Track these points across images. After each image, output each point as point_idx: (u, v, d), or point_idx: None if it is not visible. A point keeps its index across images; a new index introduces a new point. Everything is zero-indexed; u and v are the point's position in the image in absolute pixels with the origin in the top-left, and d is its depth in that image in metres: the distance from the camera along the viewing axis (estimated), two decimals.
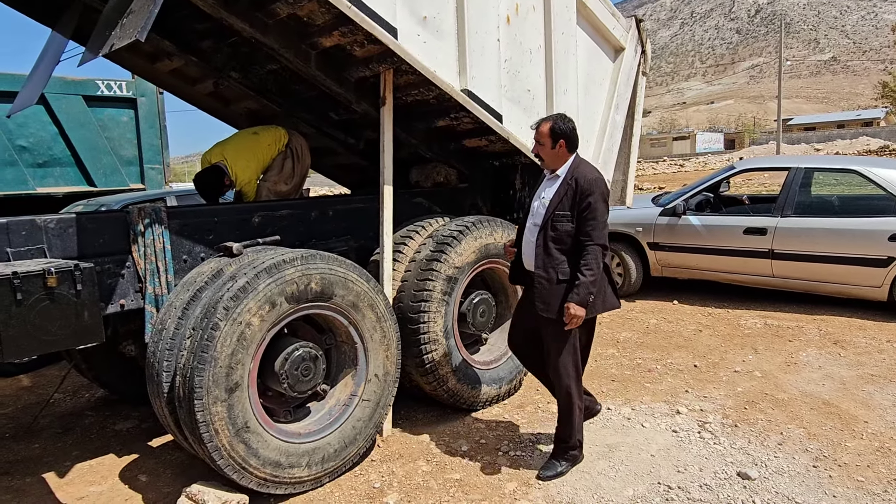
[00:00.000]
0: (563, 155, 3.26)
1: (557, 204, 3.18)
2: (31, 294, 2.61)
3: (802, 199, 6.06)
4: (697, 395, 4.20)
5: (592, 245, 3.10)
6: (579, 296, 3.07)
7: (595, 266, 3.09)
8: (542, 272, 3.20)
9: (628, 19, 5.32)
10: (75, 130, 7.70)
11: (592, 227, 3.11)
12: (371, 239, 4.46)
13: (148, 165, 8.36)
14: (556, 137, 3.24)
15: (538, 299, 3.20)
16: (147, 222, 3.40)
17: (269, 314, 3.07)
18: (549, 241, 3.19)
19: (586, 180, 3.16)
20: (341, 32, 3.73)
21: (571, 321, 3.09)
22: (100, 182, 7.96)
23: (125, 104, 8.14)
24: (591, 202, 3.11)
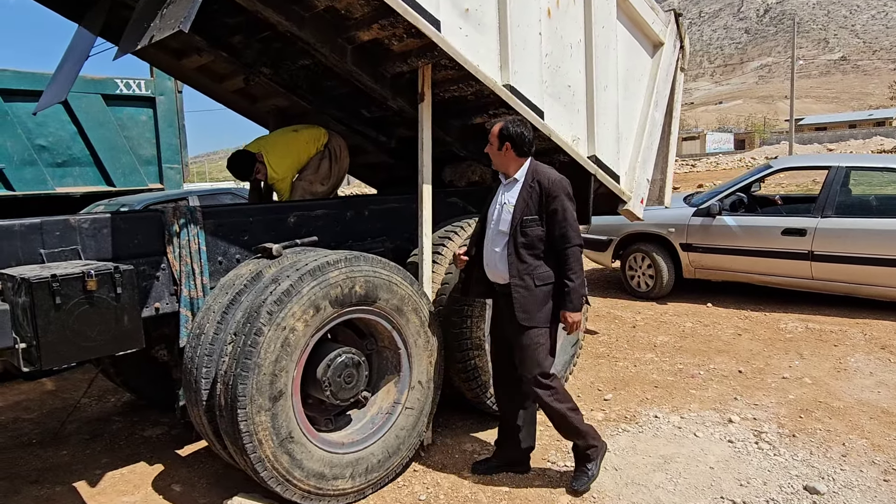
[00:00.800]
0: (511, 159, 3.16)
1: (524, 209, 3.07)
2: (70, 298, 2.48)
3: (843, 199, 5.88)
4: (748, 403, 4.04)
5: (571, 247, 3.01)
6: (573, 302, 3.00)
7: (578, 268, 3.02)
8: (517, 280, 3.07)
9: (667, 13, 5.16)
10: (94, 129, 7.60)
11: (565, 228, 3.01)
12: (406, 240, 4.33)
13: (167, 165, 8.26)
14: (503, 140, 3.14)
15: (518, 309, 3.06)
16: (182, 222, 3.27)
17: (314, 319, 2.93)
18: (520, 248, 3.07)
19: (550, 181, 3.06)
20: (381, 25, 3.59)
21: (572, 328, 3.04)
22: (119, 182, 7.86)
23: (144, 103, 8.05)
24: (560, 203, 3.02)
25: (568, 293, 3.00)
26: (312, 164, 4.41)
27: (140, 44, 2.82)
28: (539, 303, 3.06)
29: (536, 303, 3.05)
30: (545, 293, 3.07)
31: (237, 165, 4.29)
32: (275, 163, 4.21)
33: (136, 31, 2.94)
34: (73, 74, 3.89)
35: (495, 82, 3.79)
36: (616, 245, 7.04)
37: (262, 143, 4.34)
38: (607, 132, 4.60)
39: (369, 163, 5.69)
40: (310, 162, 4.40)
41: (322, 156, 4.45)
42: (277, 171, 4.22)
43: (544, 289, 3.06)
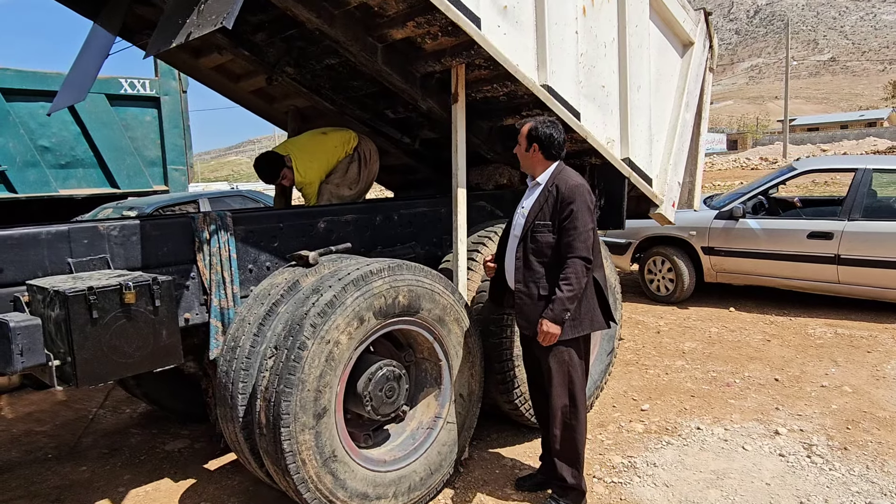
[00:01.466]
0: (538, 161, 3.01)
1: (537, 213, 2.92)
2: (108, 312, 2.32)
3: (871, 202, 5.79)
4: (790, 414, 3.92)
5: (573, 257, 2.82)
6: (553, 312, 2.80)
7: (574, 281, 2.80)
8: (522, 287, 2.93)
9: (697, 12, 5.04)
10: (98, 130, 7.42)
11: (573, 237, 2.82)
12: (435, 245, 4.19)
13: (171, 166, 8.09)
14: (532, 140, 3.00)
15: (519, 316, 2.95)
16: (213, 229, 3.12)
17: (357, 331, 2.78)
18: (529, 254, 2.92)
19: (567, 187, 2.89)
20: (416, 23, 3.44)
21: (543, 338, 2.84)
22: (123, 184, 7.69)
23: (148, 103, 7.88)
24: (573, 210, 2.84)
25: (553, 301, 2.80)
26: (341, 168, 4.26)
27: (175, 41, 2.66)
28: (541, 314, 2.88)
29: (538, 313, 2.88)
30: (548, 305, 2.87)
31: (265, 168, 4.14)
32: (303, 167, 4.06)
33: (169, 28, 2.78)
34: (91, 74, 3.73)
35: (534, 82, 3.66)
36: (635, 248, 6.92)
37: (290, 146, 4.19)
38: (640, 134, 4.48)
39: (389, 165, 5.53)
40: (338, 165, 4.25)
41: (351, 159, 4.30)
42: (305, 175, 4.08)
43: (548, 300, 2.87)
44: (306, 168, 4.07)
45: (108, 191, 7.52)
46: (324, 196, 4.22)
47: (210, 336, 3.11)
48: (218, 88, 4.90)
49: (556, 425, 2.98)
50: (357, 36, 3.61)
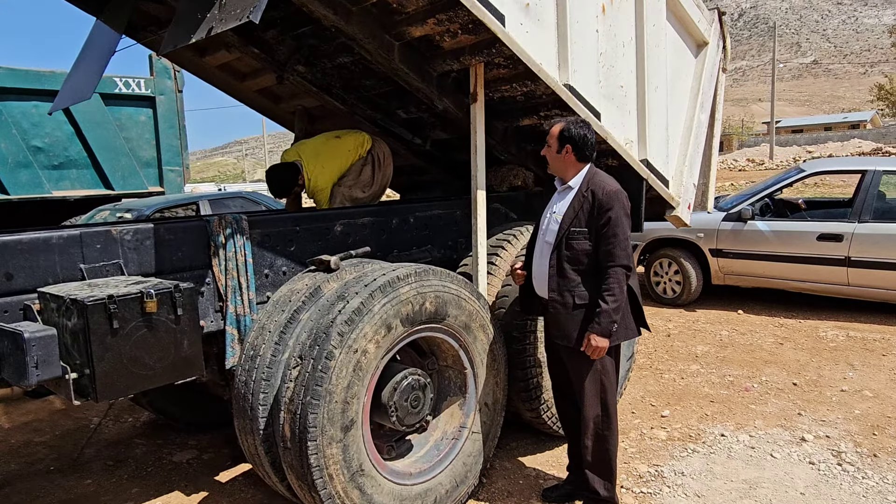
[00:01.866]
0: (570, 163, 2.91)
1: (572, 219, 2.82)
2: (128, 321, 2.20)
3: (881, 204, 5.76)
4: (814, 419, 3.86)
5: (614, 266, 2.73)
6: (601, 325, 2.71)
7: (618, 291, 2.72)
8: (556, 296, 2.83)
9: (711, 11, 4.98)
10: (92, 130, 7.25)
11: (613, 245, 2.73)
12: (450, 248, 4.09)
13: (167, 167, 7.92)
14: (564, 142, 2.89)
15: (552, 326, 2.86)
16: (228, 232, 2.99)
17: (385, 339, 2.67)
18: (563, 262, 2.82)
19: (605, 192, 2.79)
20: (437, 20, 3.34)
21: (592, 353, 2.74)
22: (117, 185, 7.52)
23: (143, 103, 7.71)
24: (612, 217, 2.74)
25: (599, 314, 2.72)
26: (354, 170, 4.14)
27: (195, 36, 2.54)
28: (576, 323, 2.80)
29: (574, 323, 2.80)
30: (584, 315, 2.80)
31: (279, 179, 4.00)
32: (315, 172, 3.94)
33: (187, 23, 2.65)
34: (97, 71, 3.59)
35: (556, 81, 3.56)
36: (641, 250, 6.86)
37: (301, 150, 4.06)
38: (658, 135, 4.40)
39: (396, 166, 5.40)
40: (351, 167, 4.13)
41: (364, 162, 4.19)
42: (316, 181, 3.96)
43: (583, 309, 2.80)
44: (319, 173, 3.96)
45: (102, 192, 7.34)
46: (336, 199, 4.10)
47: (226, 344, 2.99)
48: (223, 87, 4.77)
49: (588, 436, 2.88)
50: (374, 33, 3.50)
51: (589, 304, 2.79)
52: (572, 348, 2.82)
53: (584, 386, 2.86)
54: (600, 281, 2.78)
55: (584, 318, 2.79)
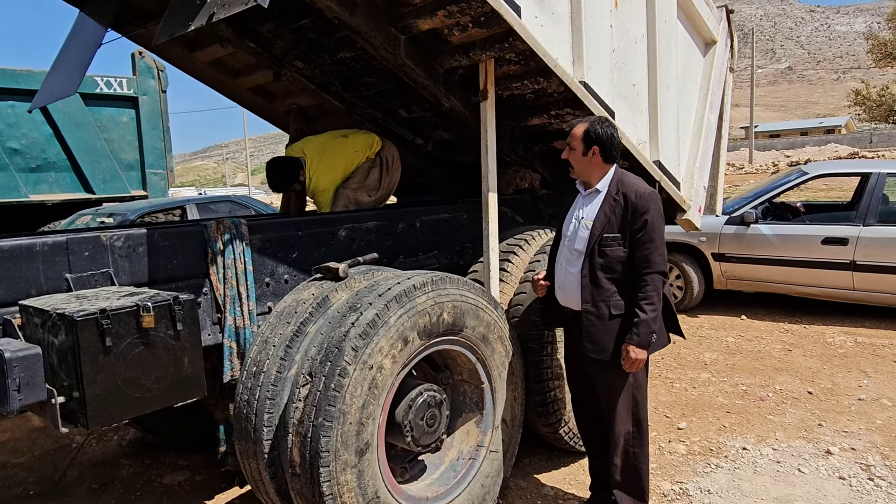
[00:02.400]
0: (597, 165, 2.73)
1: (604, 225, 2.65)
2: (123, 338, 1.97)
3: (886, 207, 5.68)
4: (836, 431, 3.72)
5: (651, 273, 2.56)
6: (640, 336, 2.55)
7: (656, 299, 2.56)
8: (590, 307, 2.66)
9: (719, 9, 4.85)
10: (72, 132, 6.95)
11: (650, 250, 2.57)
12: (457, 254, 3.90)
13: (150, 170, 7.65)
14: (591, 143, 2.70)
15: (587, 339, 2.66)
16: (227, 238, 2.77)
17: (401, 354, 2.47)
18: (597, 270, 2.65)
19: (639, 194, 2.62)
20: (448, 12, 3.15)
21: (631, 366, 2.58)
22: (98, 189, 7.22)
23: (126, 103, 7.43)
24: (648, 220, 2.58)
25: (637, 324, 2.55)
26: (360, 172, 3.93)
27: (194, 24, 2.32)
28: (611, 334, 2.64)
29: (609, 335, 2.64)
30: (620, 325, 2.64)
31: (280, 173, 3.78)
32: (318, 171, 3.73)
33: (185, 9, 2.43)
34: (81, 66, 3.34)
35: (572, 78, 3.39)
36: None
37: (307, 147, 3.85)
38: (669, 135, 4.25)
39: None
40: (357, 169, 3.92)
41: (372, 164, 3.97)
42: (320, 181, 3.74)
43: (619, 319, 2.64)
44: (322, 174, 3.74)
45: (83, 196, 7.04)
46: (340, 202, 3.88)
47: (224, 358, 2.76)
48: (213, 85, 4.53)
49: (618, 454, 2.70)
50: (379, 26, 3.30)
51: (625, 314, 2.62)
52: (608, 362, 2.64)
53: (616, 401, 2.68)
54: (636, 289, 2.61)
55: (619, 329, 2.62)
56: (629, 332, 2.59)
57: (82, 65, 3.37)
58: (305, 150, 3.82)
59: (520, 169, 4.43)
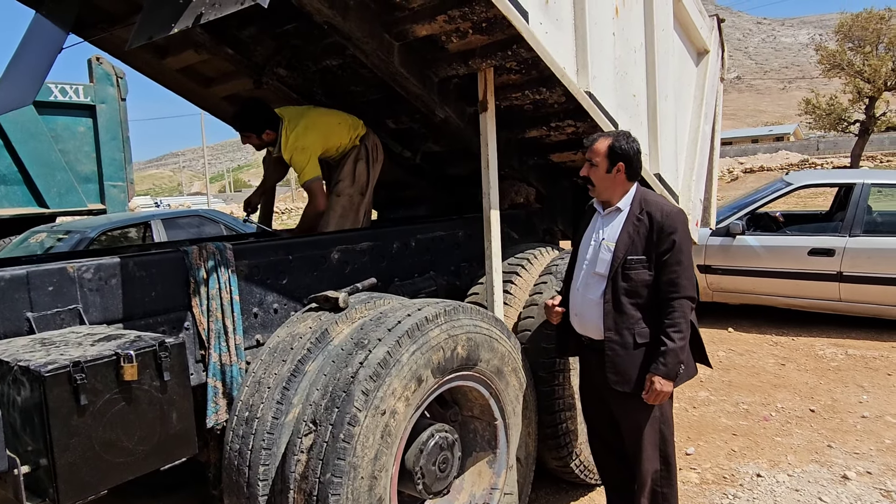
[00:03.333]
0: (621, 183, 2.55)
1: (628, 246, 2.46)
2: (100, 394, 1.67)
3: (871, 217, 5.67)
4: (847, 452, 3.60)
5: (679, 298, 2.38)
6: (667, 366, 2.36)
7: (685, 326, 2.38)
8: (613, 335, 2.47)
9: (711, 18, 4.75)
10: (24, 142, 6.48)
11: (678, 273, 2.39)
12: (452, 274, 3.66)
13: (109, 182, 7.20)
14: (615, 159, 2.52)
15: (610, 370, 2.47)
16: (211, 265, 2.48)
17: (415, 395, 2.21)
18: (620, 295, 2.46)
19: (664, 214, 2.44)
20: (448, 17, 2.92)
21: (655, 398, 2.39)
22: (52, 203, 6.75)
23: (82, 112, 6.97)
24: (676, 241, 2.40)
25: (664, 354, 2.36)
26: (347, 171, 3.66)
27: (178, 25, 2.04)
28: (636, 364, 2.45)
29: (634, 365, 2.45)
30: (646, 354, 2.45)
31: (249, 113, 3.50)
32: (297, 132, 3.44)
33: (166, 9, 2.14)
34: (39, 74, 3.00)
35: (578, 88, 3.20)
36: None
37: (284, 112, 3.54)
38: (668, 147, 4.11)
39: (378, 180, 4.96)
40: (344, 167, 3.66)
41: (357, 156, 3.70)
42: (300, 140, 3.43)
43: (645, 348, 2.45)
44: (299, 133, 3.44)
45: (35, 211, 6.56)
46: (336, 211, 3.63)
47: (208, 400, 2.46)
48: (184, 93, 4.21)
49: (645, 495, 2.50)
50: (373, 32, 3.06)
51: (650, 342, 2.42)
52: (632, 394, 2.44)
53: (641, 437, 2.48)
54: (662, 315, 2.42)
55: (644, 358, 2.42)
56: (655, 362, 2.40)
57: (40, 72, 3.03)
58: (283, 113, 3.51)
59: (514, 183, 4.22)
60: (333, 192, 3.67)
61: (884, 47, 26.26)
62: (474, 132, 3.67)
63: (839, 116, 29.56)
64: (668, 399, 2.50)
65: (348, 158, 3.68)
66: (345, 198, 3.66)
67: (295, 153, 3.48)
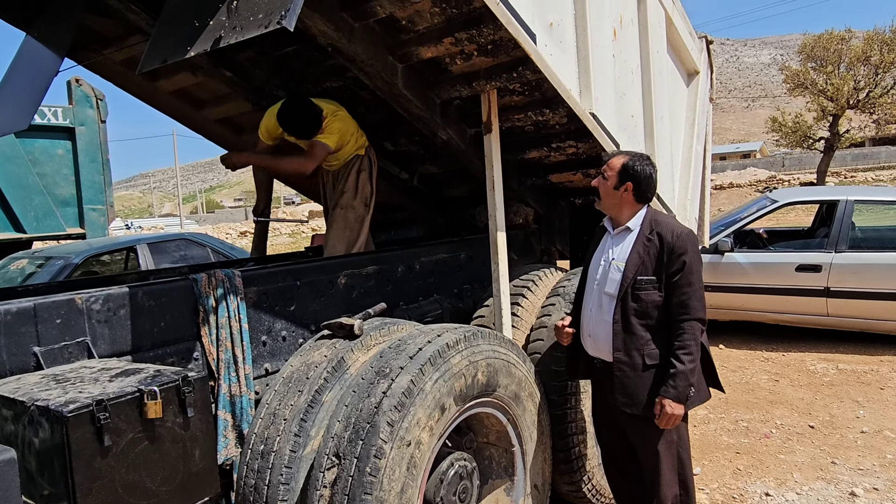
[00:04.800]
0: (629, 203, 2.56)
1: (638, 266, 2.46)
2: (124, 434, 1.59)
3: (855, 233, 5.78)
4: (851, 469, 3.61)
5: (689, 320, 2.37)
6: (676, 389, 2.34)
7: (695, 348, 2.37)
8: (622, 356, 2.45)
9: (700, 40, 4.83)
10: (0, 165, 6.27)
11: (688, 294, 2.39)
12: (456, 296, 3.63)
13: (88, 206, 7.01)
14: (625, 178, 2.53)
15: (619, 392, 2.46)
16: (220, 293, 2.41)
17: (438, 424, 2.16)
18: (630, 316, 2.44)
19: (675, 235, 2.45)
20: (455, 39, 2.92)
21: (667, 422, 2.37)
22: (30, 227, 6.55)
23: (61, 134, 6.81)
24: (686, 262, 2.40)
25: (674, 376, 2.34)
26: (351, 183, 3.62)
27: (194, 49, 1.99)
28: (646, 386, 2.43)
29: (644, 387, 2.43)
30: (656, 377, 2.43)
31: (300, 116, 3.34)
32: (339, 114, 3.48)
33: (181, 32, 2.08)
34: (33, 98, 2.91)
35: (584, 110, 3.21)
36: None
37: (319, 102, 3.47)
38: (665, 167, 4.14)
39: None
40: (347, 179, 3.63)
41: (360, 166, 3.66)
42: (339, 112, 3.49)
43: (654, 370, 2.44)
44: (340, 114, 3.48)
45: (12, 236, 6.36)
46: (337, 224, 3.60)
47: (217, 433, 2.37)
48: (176, 115, 4.13)
49: None
50: (378, 54, 3.03)
51: (660, 363, 2.41)
52: (647, 417, 2.41)
53: (658, 461, 2.45)
54: (672, 337, 2.41)
55: (654, 380, 2.40)
56: (664, 385, 2.38)
57: (35, 96, 2.94)
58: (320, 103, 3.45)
59: (513, 203, 4.21)
60: (339, 205, 3.63)
61: (845, 67, 27.10)
62: (475, 153, 3.67)
63: (805, 134, 30.31)
64: (682, 422, 2.48)
65: (351, 169, 3.64)
66: (350, 211, 3.62)
67: (334, 120, 3.44)
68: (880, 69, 25.58)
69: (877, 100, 26.25)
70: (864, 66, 26.22)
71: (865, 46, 25.83)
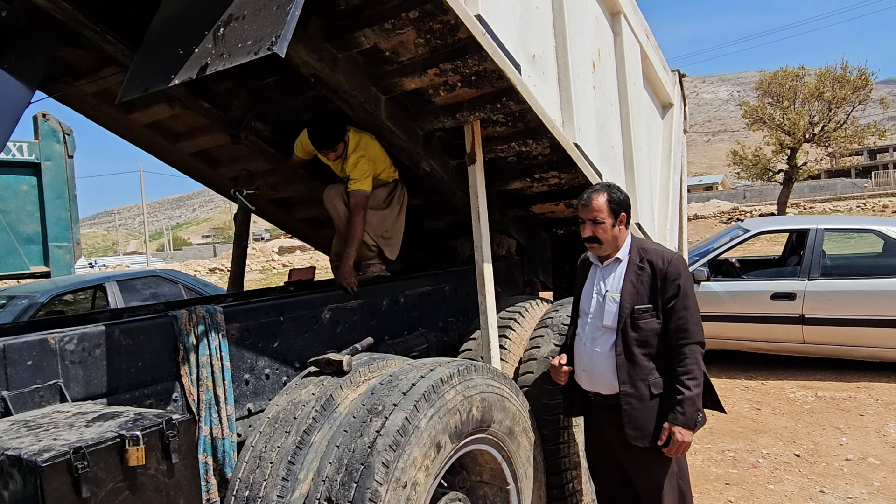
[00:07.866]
0: (623, 232, 2.55)
1: (633, 296, 2.45)
2: (103, 484, 1.47)
3: (826, 261, 5.88)
4: (840, 497, 3.60)
5: (690, 344, 2.36)
6: (685, 415, 2.32)
7: (699, 373, 2.36)
8: (628, 388, 2.41)
9: (672, 73, 4.94)
10: None
11: (685, 319, 2.38)
12: (441, 330, 3.56)
13: (54, 243, 6.80)
14: (617, 211, 2.51)
15: (628, 425, 2.41)
16: (201, 330, 2.31)
17: (434, 463, 2.07)
18: (632, 346, 2.42)
19: (666, 260, 2.45)
20: (439, 70, 2.91)
21: (677, 450, 2.34)
22: None
23: (26, 170, 6.63)
24: (681, 286, 2.41)
25: (681, 402, 2.32)
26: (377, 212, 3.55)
27: (178, 77, 1.93)
28: (653, 416, 2.40)
29: (652, 417, 2.40)
30: (662, 405, 2.40)
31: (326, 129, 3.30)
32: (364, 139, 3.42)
33: (164, 60, 2.02)
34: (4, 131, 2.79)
35: (568, 141, 3.21)
36: None
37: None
38: (645, 198, 4.18)
39: None
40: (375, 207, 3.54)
41: (390, 193, 3.63)
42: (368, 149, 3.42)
43: (660, 398, 2.41)
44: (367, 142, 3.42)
45: None
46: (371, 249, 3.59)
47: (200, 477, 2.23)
48: (149, 148, 4.04)
49: None
50: (361, 85, 3.01)
51: (664, 392, 2.37)
52: (649, 448, 2.35)
53: (661, 495, 2.39)
54: (672, 363, 2.37)
55: (660, 409, 2.36)
56: (672, 412, 2.35)
57: (3, 129, 2.82)
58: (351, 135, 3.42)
59: (496, 235, 4.16)
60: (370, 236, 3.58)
61: (800, 102, 28.10)
62: (458, 185, 3.64)
63: (765, 167, 31.18)
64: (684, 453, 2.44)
65: (383, 202, 3.59)
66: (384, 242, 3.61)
67: (361, 161, 3.36)
68: (833, 104, 26.57)
69: (831, 133, 27.20)
70: (817, 102, 27.22)
71: (818, 83, 26.84)
